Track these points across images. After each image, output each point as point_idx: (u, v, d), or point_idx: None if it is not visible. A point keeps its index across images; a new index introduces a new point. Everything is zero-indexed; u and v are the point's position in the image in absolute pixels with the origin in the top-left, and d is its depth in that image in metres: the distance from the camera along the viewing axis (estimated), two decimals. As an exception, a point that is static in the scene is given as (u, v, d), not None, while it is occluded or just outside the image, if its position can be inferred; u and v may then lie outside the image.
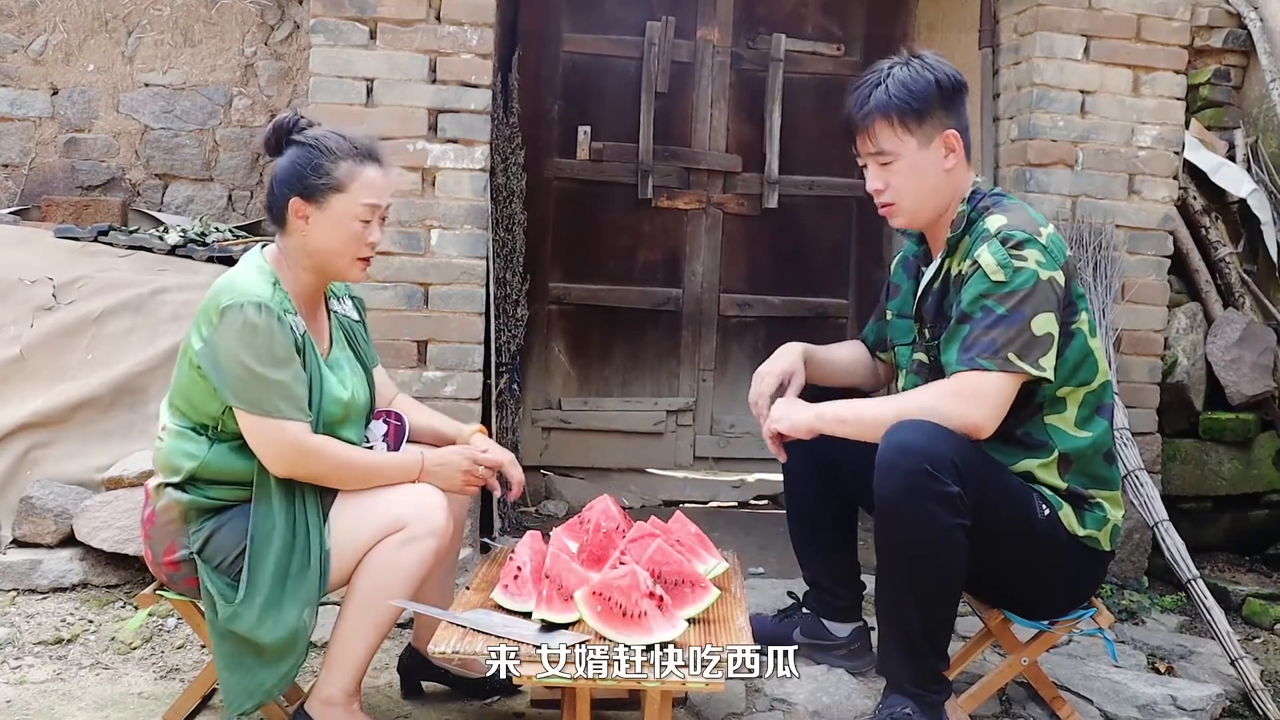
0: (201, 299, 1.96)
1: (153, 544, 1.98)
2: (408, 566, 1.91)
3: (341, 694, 1.93)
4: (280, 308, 1.92)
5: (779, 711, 2.26)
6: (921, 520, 1.90)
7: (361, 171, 1.98)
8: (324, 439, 1.95)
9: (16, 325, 3.09)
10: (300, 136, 2.00)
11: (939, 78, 2.07)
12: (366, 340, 2.21)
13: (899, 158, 2.08)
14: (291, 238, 2.00)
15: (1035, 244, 1.99)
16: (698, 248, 4.24)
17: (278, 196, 1.98)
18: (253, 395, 1.87)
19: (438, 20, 3.02)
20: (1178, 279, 3.58)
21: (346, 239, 1.98)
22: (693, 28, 4.16)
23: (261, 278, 1.95)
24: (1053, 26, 3.27)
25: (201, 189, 4.02)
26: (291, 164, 1.97)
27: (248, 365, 1.86)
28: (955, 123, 2.09)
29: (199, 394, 1.93)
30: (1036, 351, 1.96)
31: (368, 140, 2.04)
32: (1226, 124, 3.83)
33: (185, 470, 1.93)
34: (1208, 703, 2.40)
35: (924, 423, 1.94)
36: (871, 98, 2.08)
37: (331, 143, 1.98)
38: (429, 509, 1.94)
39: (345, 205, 1.97)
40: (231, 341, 1.87)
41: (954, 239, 2.12)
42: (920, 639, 2.00)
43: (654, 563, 1.95)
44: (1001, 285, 1.96)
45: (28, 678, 2.36)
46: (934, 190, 2.11)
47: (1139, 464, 3.04)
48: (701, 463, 4.29)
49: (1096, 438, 2.09)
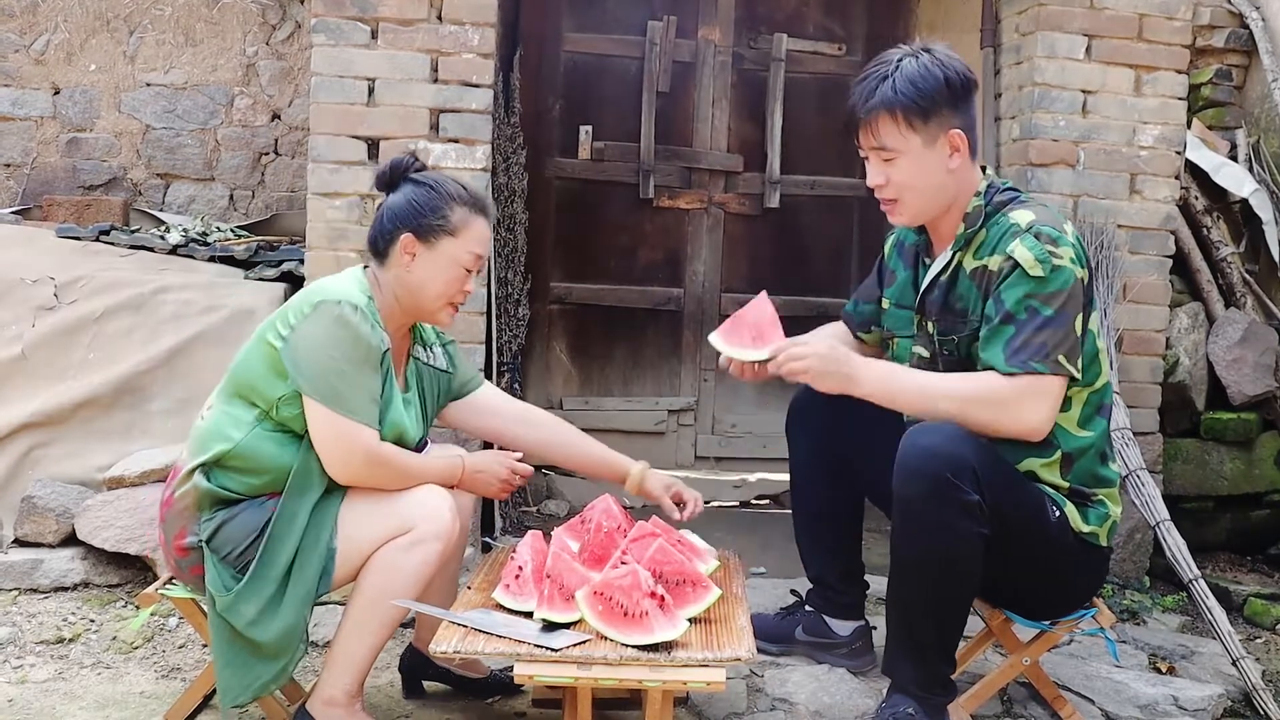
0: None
1: (166, 526, 1.99)
2: (413, 569, 1.91)
3: (343, 694, 1.94)
4: (373, 315, 1.95)
5: (780, 711, 2.26)
6: (941, 527, 1.89)
7: (474, 221, 2.05)
8: (390, 448, 1.97)
9: (18, 325, 3.09)
10: (418, 176, 2.06)
11: (949, 75, 2.02)
12: (447, 389, 2.23)
13: (901, 155, 2.04)
14: (391, 271, 2.03)
15: (1066, 242, 1.98)
16: (699, 247, 4.24)
17: (388, 230, 2.03)
18: (333, 390, 1.89)
19: (439, 20, 3.02)
20: (1179, 279, 3.58)
21: (447, 281, 2.03)
22: (694, 27, 4.17)
23: (358, 288, 1.98)
24: (1054, 26, 3.27)
25: (203, 188, 4.02)
26: (408, 201, 2.02)
27: (334, 359, 1.89)
28: (962, 121, 2.05)
29: (263, 374, 1.93)
30: (1076, 353, 1.96)
31: (480, 192, 2.12)
32: (1228, 124, 3.82)
33: (216, 451, 1.93)
34: (1209, 703, 2.40)
35: (947, 426, 1.92)
36: (877, 91, 2.02)
37: (451, 189, 2.05)
38: (436, 511, 1.94)
39: (454, 250, 2.02)
40: (322, 333, 1.89)
41: (969, 233, 2.09)
42: (930, 644, 1.99)
43: (655, 562, 1.95)
44: (1043, 283, 1.94)
45: (29, 677, 2.36)
46: (938, 189, 2.07)
47: (1140, 464, 3.04)
48: (703, 462, 4.30)
49: (1096, 439, 2.08)
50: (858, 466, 2.33)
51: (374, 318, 1.96)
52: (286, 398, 1.91)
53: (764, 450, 4.25)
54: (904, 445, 1.93)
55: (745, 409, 4.32)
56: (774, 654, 2.47)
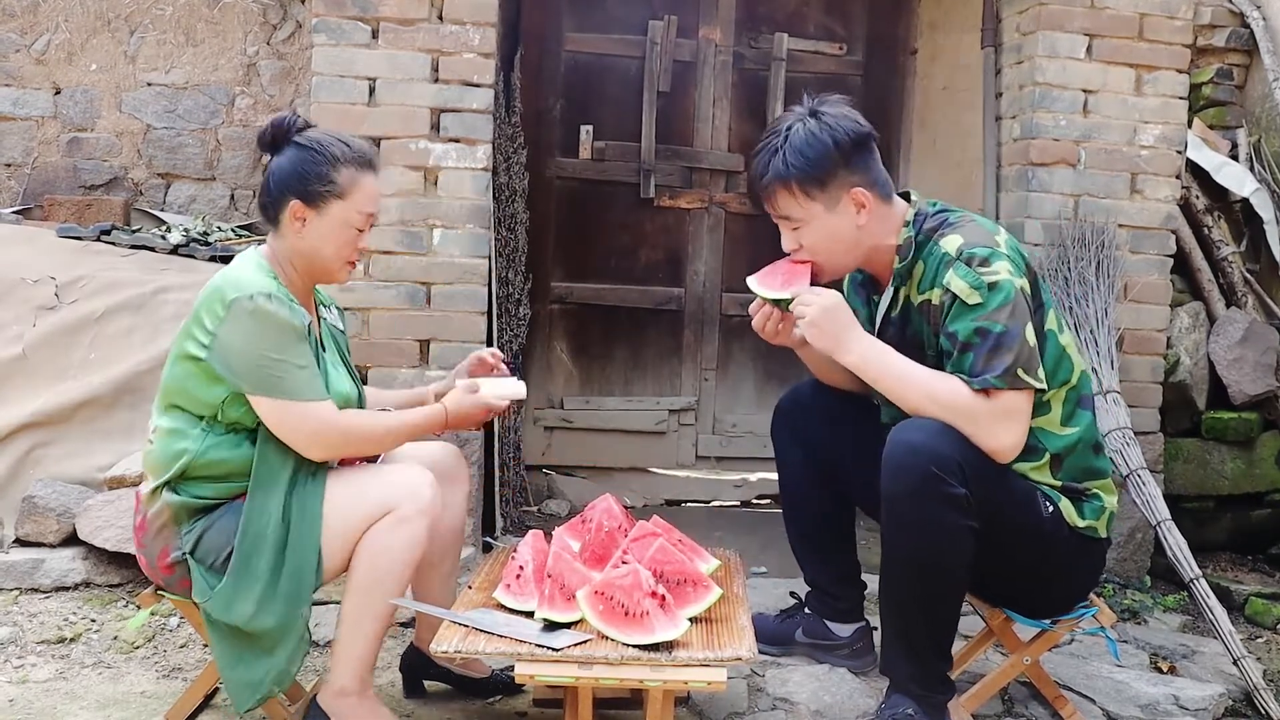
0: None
1: (147, 551, 1.97)
2: (402, 549, 1.89)
3: (354, 683, 1.93)
4: (287, 298, 1.93)
5: (781, 711, 2.26)
6: (928, 521, 1.90)
7: (362, 179, 2.00)
8: (352, 413, 1.96)
9: (19, 324, 3.09)
10: (301, 139, 1.99)
11: (837, 138, 2.01)
12: (346, 348, 2.22)
13: (806, 223, 2.06)
14: (284, 239, 2.00)
15: (999, 255, 1.96)
16: (700, 247, 4.24)
17: (275, 197, 1.98)
18: (272, 382, 1.87)
19: (440, 19, 3.02)
20: (1180, 278, 3.58)
21: (340, 244, 2.00)
22: (695, 27, 4.16)
23: (262, 273, 1.95)
24: (1055, 25, 3.27)
25: (204, 188, 4.02)
26: (293, 166, 1.97)
27: (264, 352, 1.87)
28: (861, 178, 2.04)
29: (196, 385, 1.91)
30: (1035, 364, 1.95)
31: (365, 147, 2.05)
32: (1229, 123, 3.82)
33: (177, 466, 1.92)
34: (1210, 702, 2.40)
35: (931, 423, 1.93)
36: (770, 166, 2.04)
37: (335, 149, 1.98)
38: (416, 488, 1.92)
39: (344, 212, 1.98)
40: (244, 331, 1.87)
41: (905, 266, 2.09)
42: (924, 640, 1.99)
43: (656, 562, 1.95)
44: (983, 306, 1.93)
45: (30, 677, 2.36)
46: (851, 246, 2.08)
47: (1141, 463, 3.04)
48: (704, 462, 4.30)
49: (1083, 432, 2.07)
50: (843, 472, 2.33)
51: (287, 298, 1.92)
52: (229, 399, 1.90)
53: (765, 450, 4.22)
54: (890, 442, 1.94)
55: (746, 409, 4.32)
56: (774, 655, 2.48)
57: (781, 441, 2.44)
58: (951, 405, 1.94)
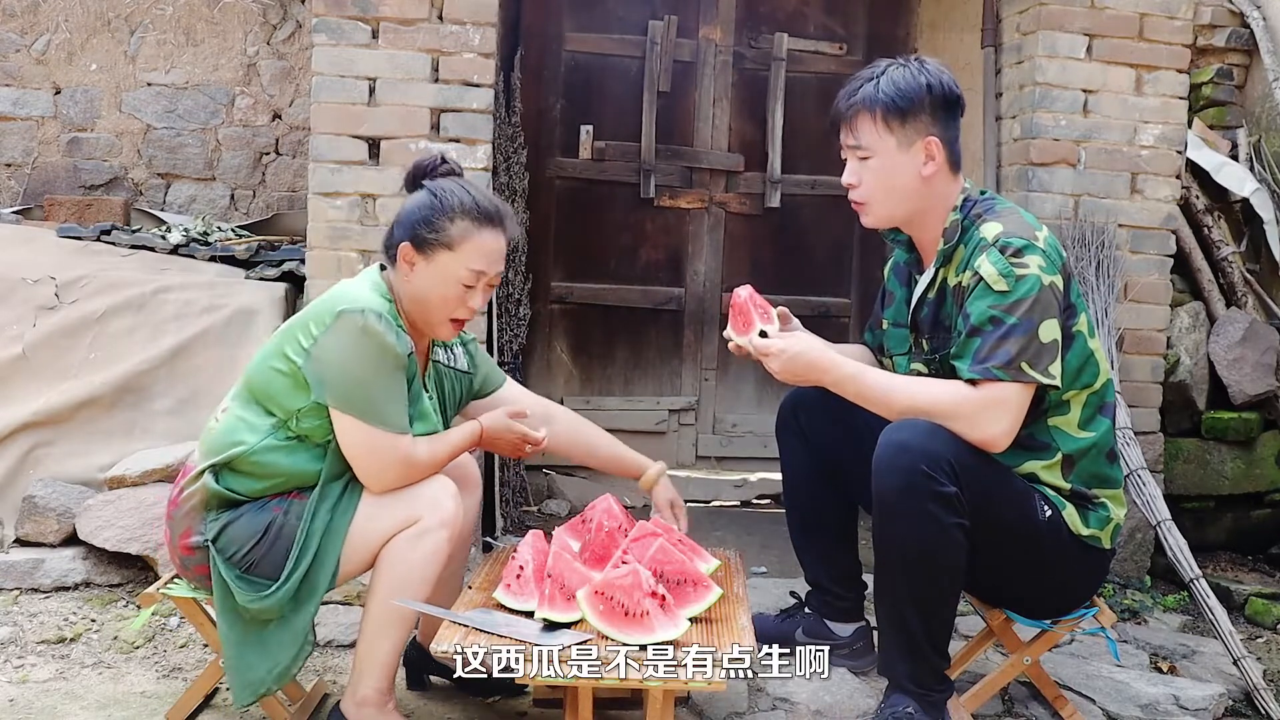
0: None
1: (173, 524, 1.99)
2: (423, 561, 1.91)
3: (375, 693, 1.94)
4: (396, 322, 1.92)
5: (781, 711, 2.26)
6: (919, 519, 1.90)
7: (476, 234, 1.96)
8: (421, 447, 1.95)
9: (19, 324, 3.09)
10: (431, 183, 2.00)
11: (931, 83, 2.06)
12: (468, 389, 2.22)
13: (875, 155, 2.08)
14: (396, 277, 2.01)
15: (1034, 249, 1.98)
16: (700, 247, 4.24)
17: (394, 237, 1.99)
18: (362, 402, 1.87)
19: (440, 19, 3.02)
20: (1180, 278, 3.58)
21: (445, 297, 1.97)
22: (695, 27, 4.16)
23: (377, 293, 1.95)
24: (1055, 25, 3.27)
25: (204, 188, 4.03)
26: (413, 208, 1.98)
27: (361, 371, 1.86)
28: (940, 132, 2.07)
29: (281, 388, 1.91)
30: (1046, 359, 1.94)
31: (491, 203, 2.00)
32: (1229, 123, 3.82)
33: (228, 454, 1.92)
34: (1210, 702, 2.40)
35: (922, 422, 1.94)
36: (860, 91, 2.08)
37: (454, 199, 1.96)
38: (439, 499, 1.93)
39: (451, 265, 1.95)
40: (344, 345, 1.86)
41: (948, 249, 2.10)
42: (920, 638, 2.00)
43: (656, 562, 1.95)
44: (1006, 295, 1.95)
45: (30, 677, 2.36)
46: (906, 194, 2.10)
47: (1141, 463, 3.04)
48: (704, 462, 4.30)
49: (1099, 438, 2.08)
50: (847, 472, 2.34)
51: (396, 322, 1.92)
52: (307, 410, 1.90)
53: (765, 450, 4.24)
54: (881, 442, 1.95)
55: (746, 408, 4.33)
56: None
57: (786, 440, 2.45)
58: (934, 404, 1.96)
